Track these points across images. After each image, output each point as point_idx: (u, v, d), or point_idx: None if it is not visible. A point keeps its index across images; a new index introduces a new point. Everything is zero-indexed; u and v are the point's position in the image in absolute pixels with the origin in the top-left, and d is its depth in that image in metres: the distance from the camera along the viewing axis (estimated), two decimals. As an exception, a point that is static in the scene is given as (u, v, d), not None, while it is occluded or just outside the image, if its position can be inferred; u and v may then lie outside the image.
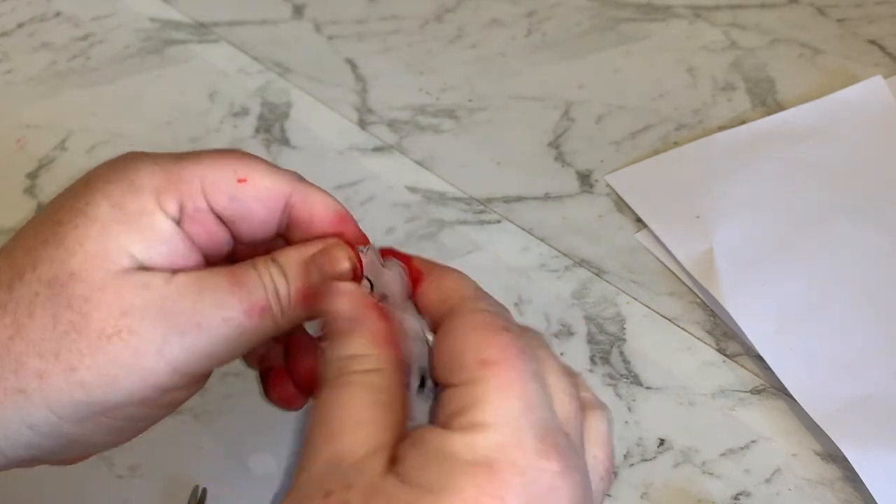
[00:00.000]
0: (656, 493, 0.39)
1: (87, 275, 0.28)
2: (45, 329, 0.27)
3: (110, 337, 0.27)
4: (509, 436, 0.24)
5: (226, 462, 0.40)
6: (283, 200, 0.31)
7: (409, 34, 0.66)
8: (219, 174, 0.30)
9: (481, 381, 0.25)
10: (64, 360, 0.27)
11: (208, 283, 0.29)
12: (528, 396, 0.25)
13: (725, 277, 0.47)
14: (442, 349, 0.27)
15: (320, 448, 0.26)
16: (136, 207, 0.29)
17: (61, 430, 0.28)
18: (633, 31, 0.66)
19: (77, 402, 0.27)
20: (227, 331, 0.29)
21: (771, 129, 0.56)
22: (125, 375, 0.28)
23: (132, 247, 0.28)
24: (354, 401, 0.26)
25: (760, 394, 0.43)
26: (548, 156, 0.56)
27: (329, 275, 0.30)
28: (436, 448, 0.25)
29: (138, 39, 0.66)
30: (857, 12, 0.67)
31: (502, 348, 0.26)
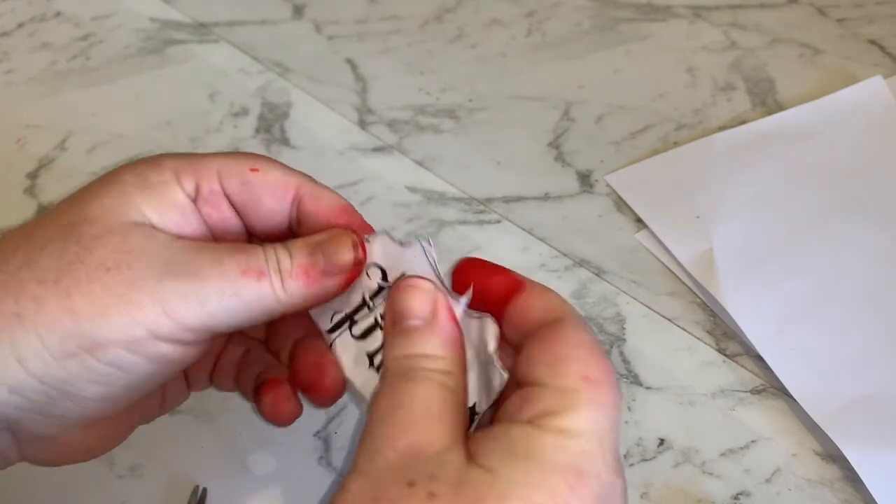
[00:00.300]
0: (656, 493, 0.39)
1: (99, 220, 0.30)
2: (51, 259, 0.29)
3: (109, 269, 0.28)
4: (596, 448, 0.26)
5: (226, 462, 0.40)
6: (293, 192, 0.33)
7: (409, 34, 0.66)
8: (234, 164, 0.32)
9: (580, 393, 0.26)
10: (62, 286, 0.28)
11: (211, 245, 0.31)
12: (614, 419, 0.27)
13: (725, 277, 0.47)
14: (543, 350, 0.28)
15: (397, 436, 0.26)
16: (155, 179, 0.31)
17: (47, 370, 0.28)
18: (633, 31, 0.66)
19: (67, 331, 0.28)
20: (223, 285, 0.29)
21: (771, 129, 0.56)
22: (116, 307, 0.28)
23: (146, 208, 0.30)
24: (432, 394, 0.27)
25: (760, 394, 0.43)
26: (548, 156, 0.56)
27: (334, 259, 0.31)
28: (524, 444, 0.26)
29: (138, 39, 0.66)
30: (857, 12, 0.67)
31: (605, 371, 0.27)
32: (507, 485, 0.25)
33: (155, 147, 0.57)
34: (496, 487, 0.25)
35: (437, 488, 0.25)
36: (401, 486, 0.25)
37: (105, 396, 0.29)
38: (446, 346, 0.29)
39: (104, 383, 0.29)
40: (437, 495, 0.24)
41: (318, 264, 0.31)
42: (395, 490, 0.25)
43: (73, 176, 0.55)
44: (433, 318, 0.29)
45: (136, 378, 0.30)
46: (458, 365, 0.29)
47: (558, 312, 0.29)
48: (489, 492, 0.24)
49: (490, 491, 0.24)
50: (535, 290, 0.30)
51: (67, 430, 0.30)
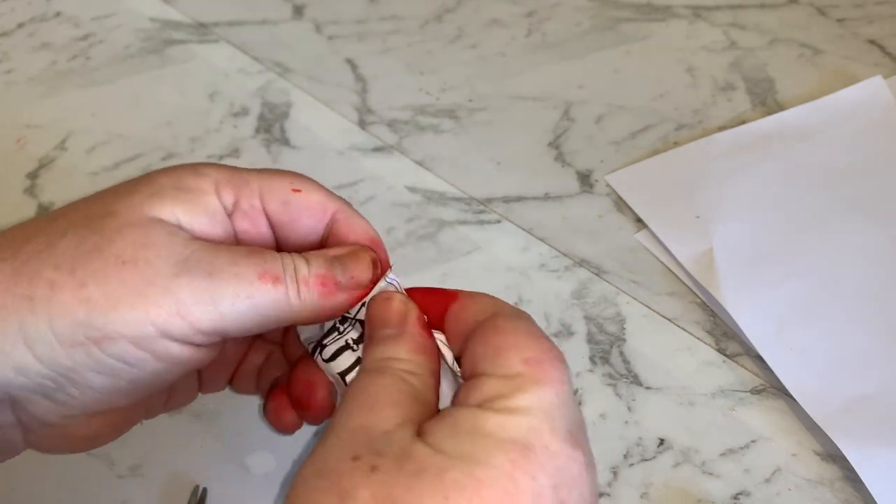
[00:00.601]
0: (656, 493, 0.39)
1: (124, 214, 0.30)
2: (70, 247, 0.29)
3: (125, 262, 0.28)
4: (544, 422, 0.26)
5: (226, 462, 0.40)
6: (331, 215, 0.33)
7: (409, 34, 0.66)
8: (276, 183, 0.33)
9: (523, 376, 0.27)
10: (78, 275, 0.28)
11: (232, 248, 0.30)
12: (563, 395, 0.27)
13: (725, 277, 0.47)
14: (482, 344, 0.29)
15: (352, 416, 0.27)
16: (193, 184, 0.31)
17: (53, 356, 0.28)
18: (633, 31, 0.66)
19: (77, 321, 0.28)
20: (238, 287, 0.29)
21: (771, 129, 0.56)
22: (128, 301, 0.28)
23: (176, 208, 0.30)
24: (392, 385, 0.28)
25: (760, 394, 0.43)
26: (548, 156, 0.56)
27: (351, 273, 0.31)
28: (470, 424, 0.26)
29: (138, 39, 0.66)
30: (857, 12, 0.67)
31: (545, 350, 0.28)
32: (448, 459, 0.25)
33: (155, 147, 0.57)
34: (438, 462, 0.25)
35: (380, 462, 0.25)
36: (346, 461, 0.25)
37: (110, 389, 0.29)
38: (415, 351, 0.30)
39: (109, 375, 0.29)
40: (380, 468, 0.25)
41: (336, 276, 0.31)
42: (340, 464, 0.25)
43: (73, 176, 0.55)
44: (404, 327, 0.31)
45: (142, 374, 0.29)
46: (425, 368, 0.30)
47: (491, 308, 0.30)
48: (430, 465, 0.25)
49: (431, 465, 0.25)
50: (467, 297, 0.31)
51: (71, 418, 0.31)
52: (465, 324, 0.30)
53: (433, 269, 0.49)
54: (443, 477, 0.25)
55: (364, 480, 0.25)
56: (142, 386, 0.30)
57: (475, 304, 0.31)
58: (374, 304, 0.32)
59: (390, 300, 0.31)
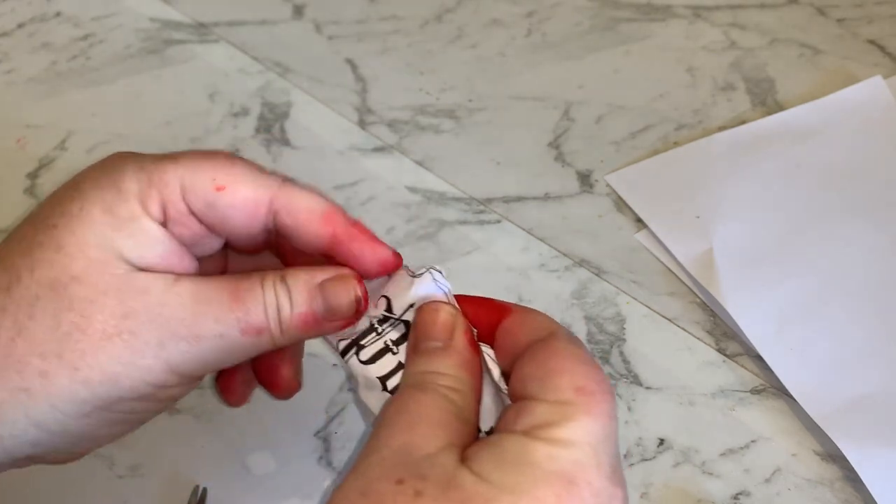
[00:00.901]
0: (656, 493, 0.39)
1: (88, 279, 0.29)
2: (46, 330, 0.28)
3: (111, 337, 0.28)
4: (590, 456, 0.26)
5: (226, 462, 0.40)
6: (263, 209, 0.31)
7: (409, 34, 0.66)
8: (198, 179, 0.30)
9: (573, 405, 0.27)
10: (67, 360, 0.28)
11: (209, 296, 0.30)
12: (609, 429, 0.27)
13: (725, 277, 0.47)
14: (534, 366, 0.28)
15: (395, 434, 0.27)
16: (125, 213, 0.30)
17: (66, 427, 0.29)
18: (633, 31, 0.66)
19: (81, 399, 0.29)
20: (223, 345, 0.30)
21: (771, 129, 0.56)
22: (125, 373, 0.29)
23: (129, 252, 0.29)
24: (436, 403, 0.28)
25: (760, 394, 0.43)
26: (548, 156, 0.56)
27: (333, 306, 0.31)
28: (516, 452, 0.26)
29: (138, 39, 0.66)
30: (857, 12, 0.67)
31: (598, 381, 0.27)
32: (494, 489, 0.25)
33: (155, 147, 0.56)
34: (483, 491, 0.25)
35: (424, 487, 0.25)
36: (390, 483, 0.25)
37: (120, 431, 0.32)
38: (459, 367, 0.29)
39: (119, 424, 0.31)
40: (424, 494, 0.25)
41: (318, 312, 0.31)
42: (383, 486, 0.25)
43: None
44: (450, 341, 0.30)
45: (149, 414, 0.32)
46: (468, 385, 0.29)
47: (547, 329, 0.29)
48: (475, 495, 0.25)
49: (476, 494, 0.25)
50: (521, 312, 0.31)
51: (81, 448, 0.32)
52: (518, 341, 0.29)
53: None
54: None
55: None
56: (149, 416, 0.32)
57: (530, 322, 0.30)
58: (421, 313, 0.31)
59: (438, 311, 0.31)
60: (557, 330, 0.29)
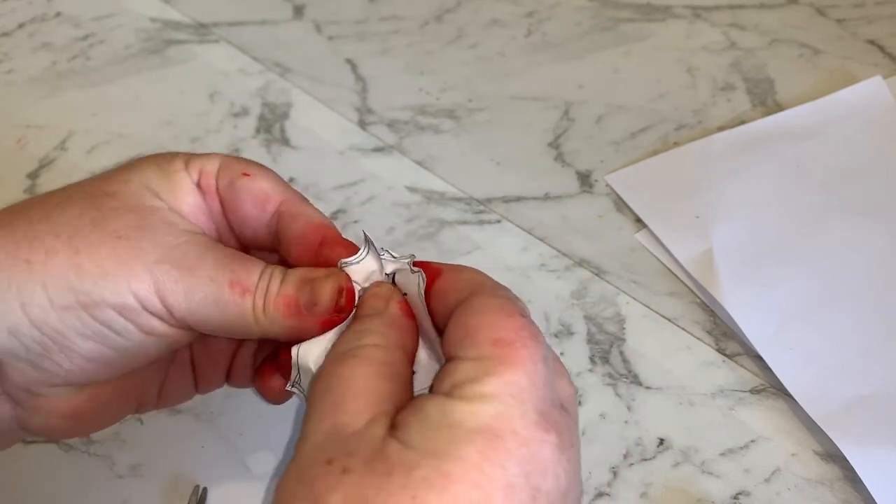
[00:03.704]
0: (656, 493, 0.39)
1: (122, 197, 0.32)
2: (69, 218, 0.31)
3: (119, 237, 0.30)
4: (512, 407, 0.26)
5: (226, 462, 0.40)
6: (274, 205, 0.33)
7: (409, 34, 0.66)
8: (231, 164, 0.34)
9: (492, 358, 0.27)
10: (74, 243, 0.30)
11: (220, 248, 0.32)
12: (534, 375, 0.27)
13: (725, 277, 0.47)
14: (457, 325, 0.28)
15: (322, 418, 0.27)
16: (169, 167, 0.33)
17: (46, 318, 0.30)
18: (633, 32, 0.66)
19: (68, 285, 0.30)
20: (209, 289, 0.31)
21: (771, 130, 0.56)
22: (114, 271, 0.30)
23: (162, 192, 0.32)
24: (355, 372, 0.28)
25: (760, 394, 0.43)
26: (548, 156, 0.56)
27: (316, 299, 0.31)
28: (438, 415, 0.26)
29: (139, 40, 0.66)
30: (857, 12, 0.67)
31: (516, 330, 0.27)
32: (417, 456, 0.25)
33: (155, 147, 0.57)
34: (407, 459, 0.25)
35: (351, 464, 0.25)
36: (320, 465, 0.26)
37: (96, 356, 0.31)
38: (385, 326, 0.30)
39: (96, 340, 0.30)
40: (351, 470, 0.25)
41: (301, 300, 0.31)
42: (315, 469, 0.26)
43: (74, 176, 0.55)
44: (384, 309, 0.31)
45: (126, 343, 0.31)
46: (393, 340, 0.30)
47: (470, 287, 0.30)
48: (399, 464, 0.25)
49: (400, 463, 0.25)
50: (449, 272, 0.31)
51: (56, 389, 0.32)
52: (447, 303, 0.30)
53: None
54: (411, 475, 0.24)
55: (336, 484, 0.25)
56: (127, 356, 0.31)
57: (457, 282, 0.30)
58: (366, 293, 0.32)
59: (378, 286, 0.32)
60: (480, 285, 0.30)
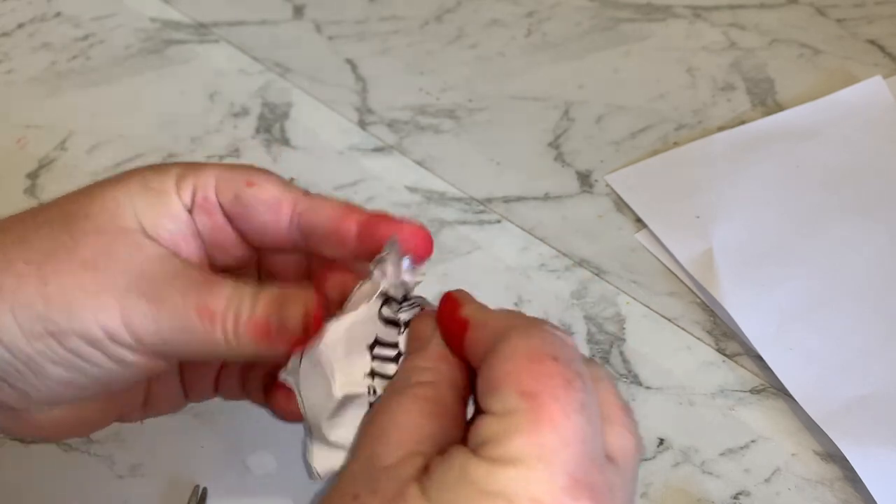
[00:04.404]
0: (656, 493, 0.39)
1: (97, 220, 0.31)
2: (42, 244, 0.30)
3: (87, 266, 0.30)
4: (537, 471, 0.24)
5: (226, 462, 0.40)
6: (289, 208, 0.32)
7: (409, 34, 0.66)
8: (232, 175, 0.33)
9: (517, 413, 0.25)
10: (43, 271, 0.29)
11: (187, 275, 0.31)
12: (567, 431, 0.24)
13: (725, 277, 0.47)
14: (484, 376, 0.26)
15: (363, 448, 0.27)
16: (157, 186, 0.32)
17: (17, 344, 0.29)
18: (633, 32, 0.66)
19: (36, 314, 0.29)
20: (176, 317, 0.30)
21: (771, 130, 0.56)
22: (81, 302, 0.29)
23: (141, 214, 0.31)
24: (401, 407, 0.27)
25: (760, 394, 0.43)
26: (548, 156, 0.56)
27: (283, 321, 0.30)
28: (459, 470, 0.24)
29: (138, 40, 0.66)
30: (857, 12, 0.67)
31: (544, 379, 0.25)
32: None
33: (155, 147, 0.57)
34: None
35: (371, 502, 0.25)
36: (347, 498, 0.25)
37: (68, 381, 0.30)
38: (435, 359, 0.29)
39: (67, 368, 0.30)
40: None
41: (271, 323, 0.30)
42: (343, 501, 0.25)
43: (74, 176, 0.55)
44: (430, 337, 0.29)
45: (97, 371, 0.30)
46: (443, 376, 0.28)
47: (497, 332, 0.27)
48: None
49: None
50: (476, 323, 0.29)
51: (35, 407, 0.31)
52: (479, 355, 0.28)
53: (433, 269, 0.49)
54: None
55: None
56: (100, 383, 0.31)
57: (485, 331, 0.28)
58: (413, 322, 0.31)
59: (422, 320, 0.30)
60: (508, 329, 0.27)
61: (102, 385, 0.31)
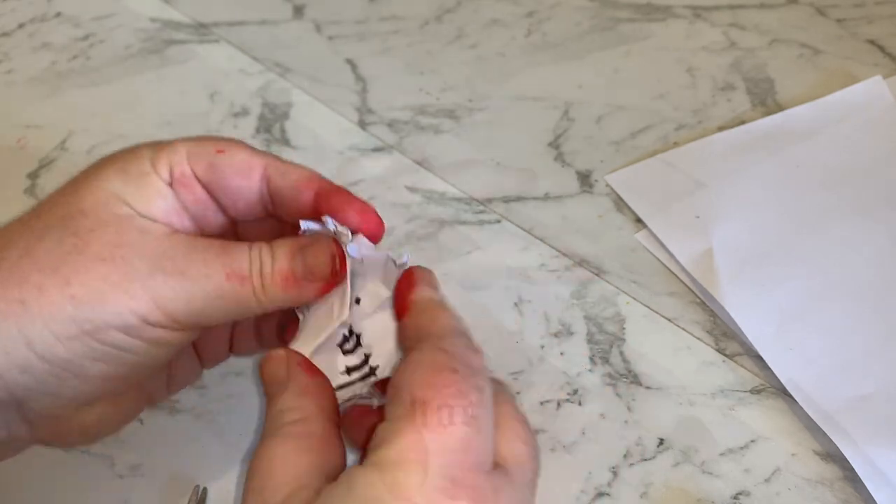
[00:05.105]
0: (656, 493, 0.39)
1: (94, 212, 0.31)
2: (50, 250, 0.30)
3: (104, 259, 0.30)
4: (413, 474, 0.25)
5: (226, 462, 0.40)
6: (259, 171, 0.34)
7: (409, 34, 0.66)
8: (201, 147, 0.34)
9: (404, 418, 0.26)
10: (61, 274, 0.30)
11: (201, 244, 0.32)
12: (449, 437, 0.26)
13: (725, 277, 0.47)
14: (390, 383, 0.28)
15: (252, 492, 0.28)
16: (136, 170, 0.33)
17: (53, 351, 0.29)
18: (633, 32, 0.66)
19: (68, 316, 0.29)
20: (208, 287, 0.31)
21: (770, 130, 0.56)
22: (112, 294, 0.30)
23: (131, 199, 0.32)
24: (277, 451, 0.28)
25: (760, 393, 0.43)
26: (548, 156, 0.56)
27: (311, 268, 0.32)
28: (346, 482, 0.26)
29: (138, 40, 0.66)
30: (857, 12, 0.67)
31: (438, 388, 0.26)
32: None
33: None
34: None
35: None
36: None
37: (109, 374, 0.31)
38: (299, 394, 0.30)
39: (107, 361, 0.31)
40: None
41: (297, 271, 0.32)
42: None
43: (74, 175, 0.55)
44: (287, 378, 0.31)
45: (137, 357, 0.31)
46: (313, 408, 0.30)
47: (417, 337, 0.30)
48: None
49: None
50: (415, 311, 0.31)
51: (75, 410, 0.32)
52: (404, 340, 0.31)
53: (433, 270, 0.49)
54: None
55: None
56: (139, 367, 0.32)
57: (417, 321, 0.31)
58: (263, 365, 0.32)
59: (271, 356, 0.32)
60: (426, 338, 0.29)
61: (141, 370, 0.32)
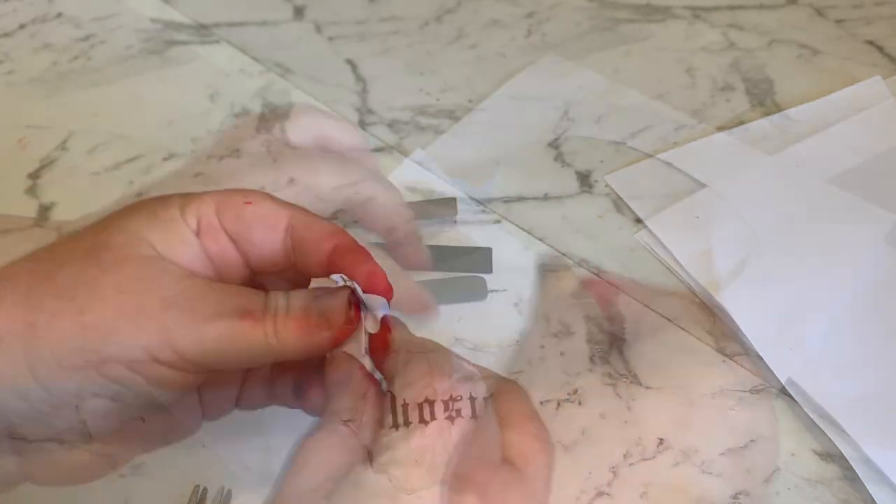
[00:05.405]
0: (656, 493, 0.39)
1: (118, 250, 0.31)
2: (70, 277, 0.30)
3: (121, 292, 0.30)
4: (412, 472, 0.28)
5: (226, 462, 0.40)
6: (284, 222, 0.34)
7: (409, 35, 0.66)
8: (230, 198, 0.34)
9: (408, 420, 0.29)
10: (77, 302, 0.30)
11: (218, 286, 0.32)
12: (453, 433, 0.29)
13: (725, 277, 0.47)
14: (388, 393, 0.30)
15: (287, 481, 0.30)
16: (165, 215, 0.33)
17: (54, 380, 0.29)
18: (633, 32, 0.66)
19: (75, 345, 0.29)
20: (220, 326, 0.31)
21: (770, 130, 0.56)
22: (123, 327, 0.30)
23: (157, 243, 0.32)
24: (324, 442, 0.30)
25: (760, 393, 0.43)
26: (548, 156, 0.56)
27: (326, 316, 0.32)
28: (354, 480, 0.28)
29: (139, 40, 0.66)
30: (856, 13, 0.67)
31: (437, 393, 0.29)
32: None
33: (156, 147, 0.57)
34: None
35: None
36: None
37: (106, 412, 0.31)
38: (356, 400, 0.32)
39: (106, 397, 0.30)
40: None
41: (312, 318, 0.32)
42: None
43: (75, 176, 0.55)
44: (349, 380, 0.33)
45: (136, 397, 0.31)
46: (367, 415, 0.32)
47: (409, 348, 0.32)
48: None
49: None
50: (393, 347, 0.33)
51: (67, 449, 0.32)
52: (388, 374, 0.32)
53: (433, 270, 0.49)
54: None
55: None
56: (133, 408, 0.32)
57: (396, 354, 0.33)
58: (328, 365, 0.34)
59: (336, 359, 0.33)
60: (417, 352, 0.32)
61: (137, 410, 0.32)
